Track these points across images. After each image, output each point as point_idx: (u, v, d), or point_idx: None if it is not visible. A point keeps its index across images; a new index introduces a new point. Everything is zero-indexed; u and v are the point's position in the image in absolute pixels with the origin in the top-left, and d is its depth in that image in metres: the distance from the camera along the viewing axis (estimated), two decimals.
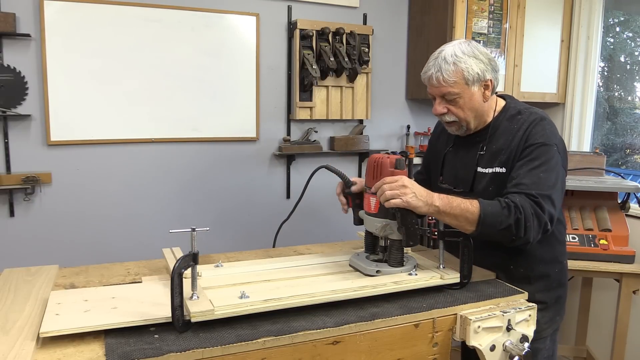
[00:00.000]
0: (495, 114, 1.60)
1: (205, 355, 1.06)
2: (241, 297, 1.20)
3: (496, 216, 1.37)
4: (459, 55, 1.49)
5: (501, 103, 1.63)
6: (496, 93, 1.63)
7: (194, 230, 1.18)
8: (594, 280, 2.84)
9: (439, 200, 1.37)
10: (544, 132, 1.49)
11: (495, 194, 1.49)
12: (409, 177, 1.41)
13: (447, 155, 1.72)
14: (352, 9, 3.11)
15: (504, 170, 1.53)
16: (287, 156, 3.02)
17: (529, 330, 1.36)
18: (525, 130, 1.51)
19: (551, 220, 1.43)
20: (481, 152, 1.58)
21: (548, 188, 1.43)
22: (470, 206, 1.37)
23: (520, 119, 1.54)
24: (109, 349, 1.04)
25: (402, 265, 1.44)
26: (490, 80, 1.53)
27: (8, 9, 2.35)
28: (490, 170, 1.56)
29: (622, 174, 2.75)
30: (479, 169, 1.58)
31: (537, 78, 3.16)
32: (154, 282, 1.38)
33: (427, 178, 1.85)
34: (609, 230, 2.42)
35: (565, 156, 1.55)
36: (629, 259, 2.35)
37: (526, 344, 1.32)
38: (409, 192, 1.34)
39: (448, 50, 1.52)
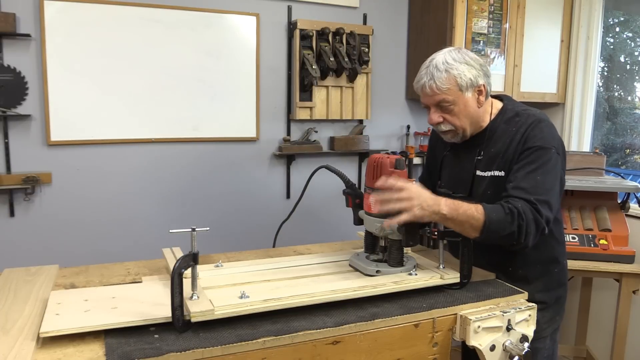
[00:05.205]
0: (492, 117, 1.59)
1: (205, 355, 1.06)
2: (241, 297, 1.21)
3: (500, 223, 1.37)
4: (450, 62, 1.48)
5: (497, 105, 1.62)
6: (491, 95, 1.63)
7: (194, 230, 1.18)
8: (593, 280, 2.84)
9: (446, 207, 1.35)
10: (542, 135, 1.48)
11: (494, 198, 1.49)
12: (409, 177, 1.41)
13: (445, 159, 1.72)
14: (352, 9, 3.11)
15: (502, 173, 1.52)
16: (287, 156, 3.02)
17: (529, 330, 1.36)
18: (524, 133, 1.50)
19: (547, 223, 1.43)
20: (479, 157, 1.58)
21: (545, 192, 1.43)
22: (476, 213, 1.37)
23: (519, 122, 1.53)
24: (109, 349, 1.04)
25: (402, 265, 1.44)
26: (484, 85, 1.52)
27: (8, 9, 2.35)
28: (488, 173, 1.55)
29: (622, 174, 2.75)
30: (478, 173, 1.58)
31: (537, 78, 3.16)
32: (154, 282, 1.38)
33: (428, 180, 1.85)
34: (609, 230, 2.42)
35: (564, 157, 1.55)
36: (628, 259, 2.35)
37: (526, 344, 1.32)
38: (415, 204, 1.32)
39: (439, 58, 1.51)
